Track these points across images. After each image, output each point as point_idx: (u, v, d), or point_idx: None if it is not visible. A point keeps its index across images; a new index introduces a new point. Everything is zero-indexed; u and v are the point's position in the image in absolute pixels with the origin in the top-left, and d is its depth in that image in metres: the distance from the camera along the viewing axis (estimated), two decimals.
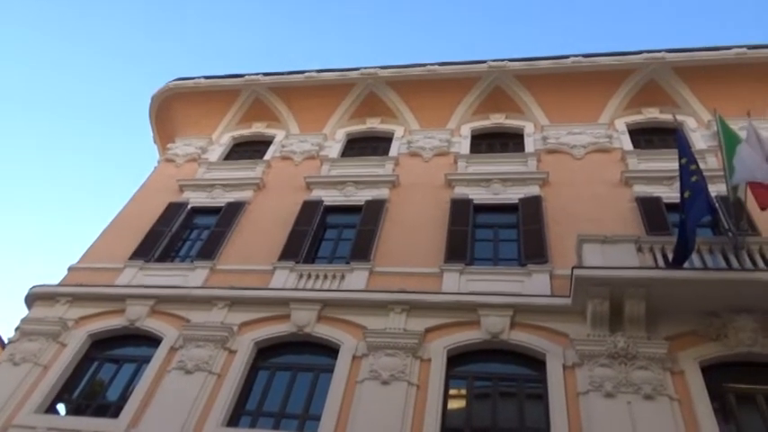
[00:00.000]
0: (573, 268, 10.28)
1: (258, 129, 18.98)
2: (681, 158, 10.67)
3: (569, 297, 10.48)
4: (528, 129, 16.82)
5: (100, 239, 15.00)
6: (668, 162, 13.44)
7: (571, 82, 17.02)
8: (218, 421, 10.06)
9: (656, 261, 10.29)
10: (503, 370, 10.44)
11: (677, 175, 11.14)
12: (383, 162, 16.34)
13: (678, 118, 14.83)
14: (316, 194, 15.34)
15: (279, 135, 18.47)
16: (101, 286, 13.10)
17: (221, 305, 12.06)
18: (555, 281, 11.48)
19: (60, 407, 11.29)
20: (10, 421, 10.70)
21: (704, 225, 11.90)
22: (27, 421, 10.64)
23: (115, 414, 10.59)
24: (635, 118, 16.58)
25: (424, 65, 18.14)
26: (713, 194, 11.29)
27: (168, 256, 14.45)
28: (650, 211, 12.90)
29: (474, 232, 13.35)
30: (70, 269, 13.99)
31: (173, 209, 15.62)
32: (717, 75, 16.17)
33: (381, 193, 14.96)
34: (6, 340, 13.14)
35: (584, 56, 17.09)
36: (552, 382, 9.76)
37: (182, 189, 16.44)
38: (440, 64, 18.07)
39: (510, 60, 17.52)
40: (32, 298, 13.08)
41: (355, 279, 12.34)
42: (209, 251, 13.82)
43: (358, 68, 18.48)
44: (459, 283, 11.84)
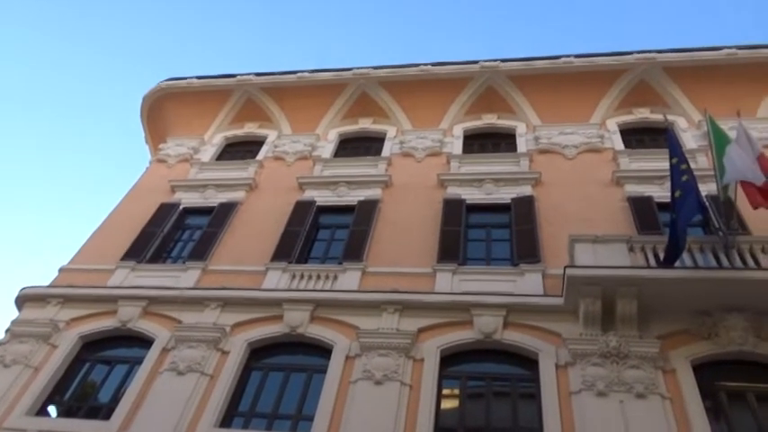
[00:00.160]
0: (565, 268, 10.32)
1: (250, 129, 18.94)
2: (671, 158, 10.74)
3: (562, 296, 10.53)
4: (520, 129, 16.88)
5: (91, 240, 14.91)
6: (659, 162, 13.51)
7: (563, 82, 17.09)
8: (210, 422, 10.02)
9: (647, 260, 10.34)
10: (496, 370, 10.45)
11: (668, 174, 11.23)
12: (376, 162, 16.35)
13: (669, 118, 14.89)
14: (308, 195, 15.32)
15: (271, 135, 18.43)
16: (92, 287, 13.01)
17: (214, 306, 12.02)
18: (547, 280, 11.52)
19: (51, 409, 11.21)
20: (0, 424, 10.60)
21: (695, 224, 11.98)
22: (18, 424, 10.56)
23: (107, 416, 10.53)
24: (626, 118, 16.67)
25: (416, 65, 18.16)
26: (704, 194, 11.37)
27: (160, 256, 14.39)
28: (641, 210, 12.96)
29: (467, 232, 13.38)
30: (61, 270, 13.90)
31: (165, 209, 15.55)
32: (707, 75, 16.29)
33: (374, 193, 14.96)
34: None
35: (576, 56, 17.16)
36: (545, 381, 9.78)
37: (174, 189, 16.37)
38: (432, 64, 18.09)
39: (502, 61, 17.57)
40: (23, 299, 12.99)
41: (348, 279, 12.33)
42: (201, 252, 13.77)
43: (350, 69, 18.48)
44: (451, 283, 11.85)
